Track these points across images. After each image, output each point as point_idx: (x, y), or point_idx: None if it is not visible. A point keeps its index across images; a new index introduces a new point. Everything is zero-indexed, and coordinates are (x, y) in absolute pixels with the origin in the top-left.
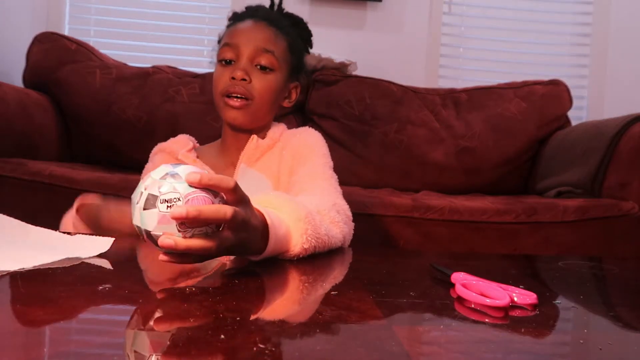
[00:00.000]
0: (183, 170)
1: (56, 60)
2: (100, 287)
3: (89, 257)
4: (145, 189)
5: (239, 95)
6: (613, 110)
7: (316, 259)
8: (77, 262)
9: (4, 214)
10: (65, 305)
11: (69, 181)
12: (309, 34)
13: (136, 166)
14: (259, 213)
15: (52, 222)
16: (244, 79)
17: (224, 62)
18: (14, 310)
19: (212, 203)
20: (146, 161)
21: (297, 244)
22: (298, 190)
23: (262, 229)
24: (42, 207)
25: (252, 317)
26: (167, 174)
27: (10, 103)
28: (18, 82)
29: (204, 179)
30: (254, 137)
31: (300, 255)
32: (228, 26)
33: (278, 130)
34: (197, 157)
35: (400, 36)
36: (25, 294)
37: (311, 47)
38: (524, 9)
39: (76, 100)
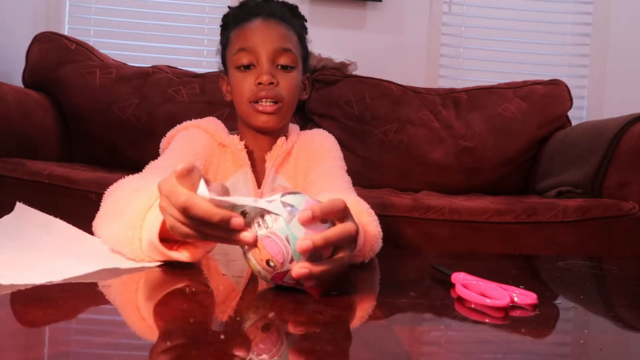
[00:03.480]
0: (298, 203)
1: (56, 60)
2: (100, 287)
3: (129, 268)
4: (261, 223)
5: (269, 100)
6: (613, 110)
7: None
8: (117, 274)
9: (3, 214)
10: (65, 305)
11: (69, 181)
12: (305, 20)
13: (136, 166)
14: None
15: None
16: (271, 83)
17: (242, 68)
18: (14, 310)
19: None
20: (146, 161)
21: (359, 256)
22: (316, 190)
23: None
24: (41, 207)
25: (252, 317)
26: (283, 206)
27: (10, 103)
28: (18, 82)
29: (316, 212)
30: (283, 139)
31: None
32: (224, 26)
33: (295, 132)
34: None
35: (400, 36)
36: (25, 294)
37: (306, 34)
38: (524, 9)
39: (76, 100)
